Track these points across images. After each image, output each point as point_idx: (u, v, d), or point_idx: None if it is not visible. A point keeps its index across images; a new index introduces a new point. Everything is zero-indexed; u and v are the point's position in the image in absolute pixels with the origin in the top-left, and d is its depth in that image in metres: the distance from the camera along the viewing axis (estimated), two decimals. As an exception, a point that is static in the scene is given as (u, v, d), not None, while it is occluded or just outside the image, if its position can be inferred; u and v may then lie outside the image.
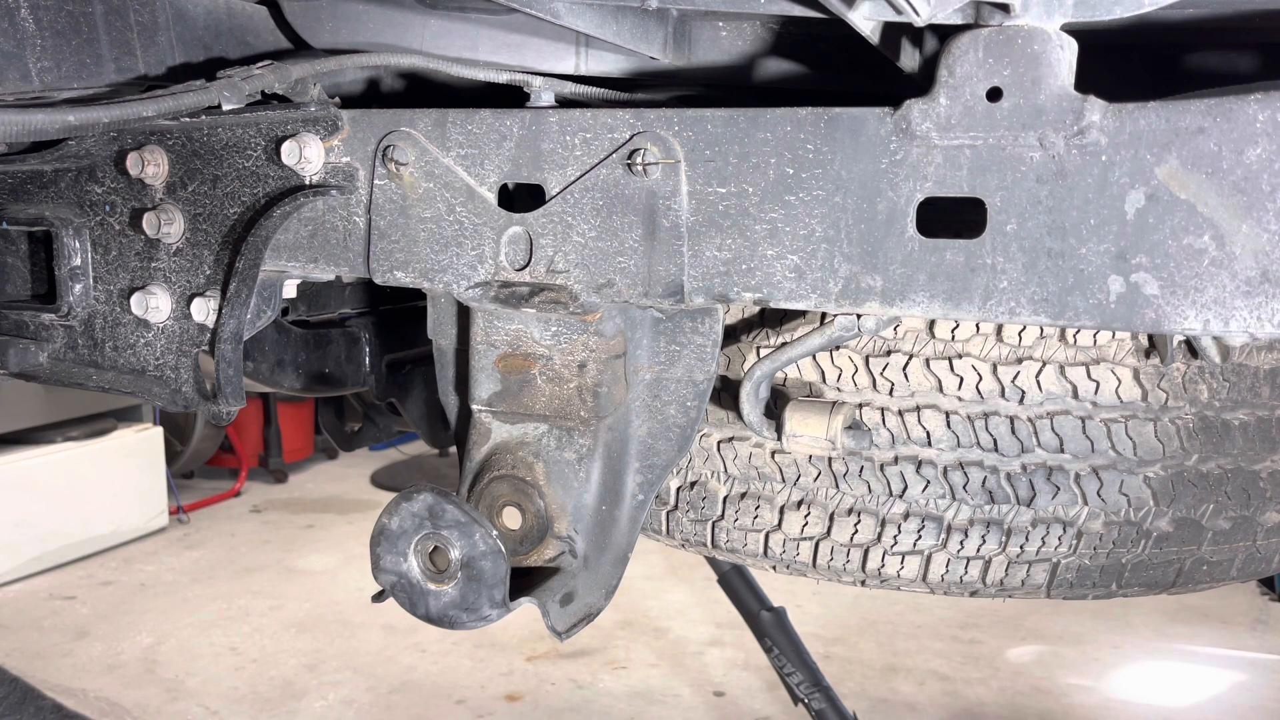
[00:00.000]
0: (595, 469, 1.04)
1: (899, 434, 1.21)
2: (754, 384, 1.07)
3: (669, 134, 0.93)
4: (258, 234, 1.07)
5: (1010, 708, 3.65)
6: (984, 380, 1.19)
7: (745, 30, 1.20)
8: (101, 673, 3.81)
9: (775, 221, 0.90)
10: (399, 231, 1.04)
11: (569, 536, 1.03)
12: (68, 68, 1.09)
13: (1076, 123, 0.80)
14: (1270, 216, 0.76)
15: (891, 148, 0.86)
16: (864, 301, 0.89)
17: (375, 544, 0.95)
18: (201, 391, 1.13)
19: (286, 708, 3.60)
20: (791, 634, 2.63)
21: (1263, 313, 0.77)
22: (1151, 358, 1.18)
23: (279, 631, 4.22)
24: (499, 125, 0.99)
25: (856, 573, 1.30)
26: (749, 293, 0.93)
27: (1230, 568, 1.28)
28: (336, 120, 1.05)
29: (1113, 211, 0.80)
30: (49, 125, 0.97)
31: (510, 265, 1.00)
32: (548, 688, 3.75)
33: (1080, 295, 0.82)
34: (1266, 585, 4.70)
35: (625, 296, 0.97)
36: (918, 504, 1.22)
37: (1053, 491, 1.18)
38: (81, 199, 1.20)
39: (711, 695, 3.72)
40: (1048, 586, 1.25)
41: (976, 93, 0.82)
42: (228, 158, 1.10)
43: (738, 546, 1.33)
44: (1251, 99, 0.76)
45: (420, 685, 3.77)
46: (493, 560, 0.91)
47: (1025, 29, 0.80)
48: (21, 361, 1.26)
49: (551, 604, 0.99)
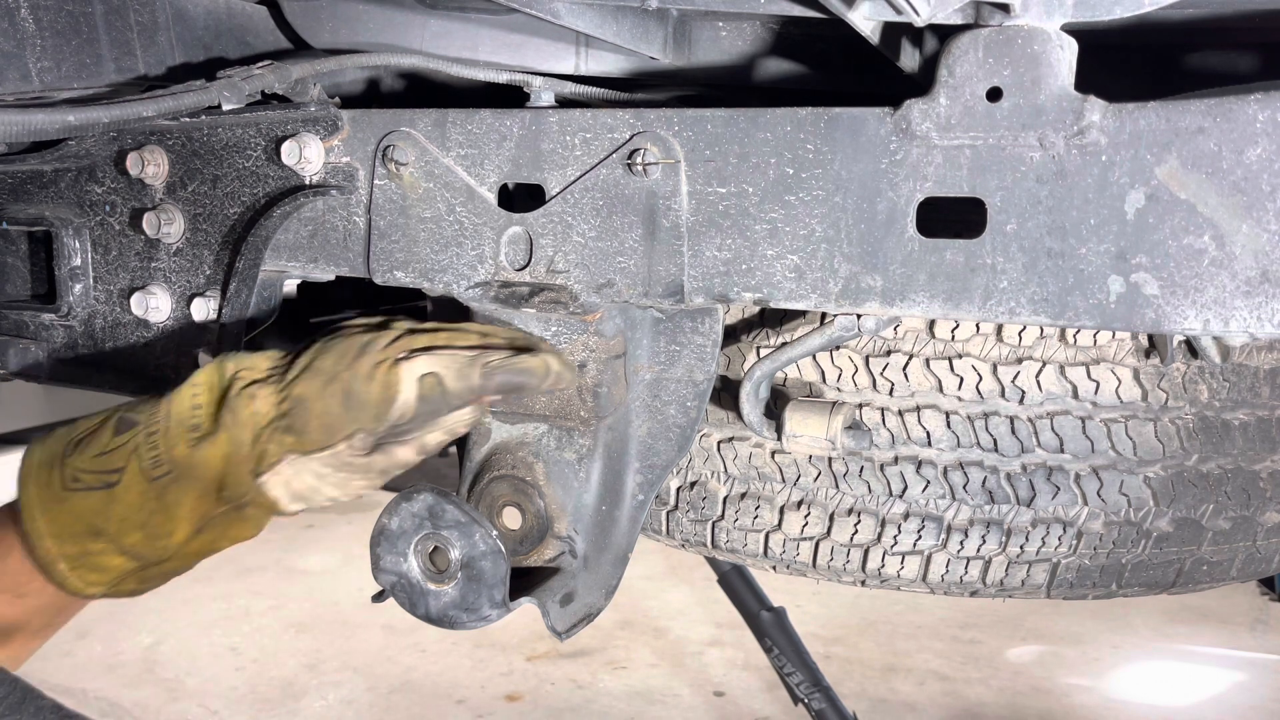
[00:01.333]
0: (595, 469, 1.04)
1: (899, 434, 1.21)
2: (754, 384, 1.07)
3: (669, 134, 0.93)
4: (258, 234, 1.07)
5: (1010, 708, 3.65)
6: (984, 380, 1.19)
7: (745, 30, 1.20)
8: (101, 673, 3.81)
9: (775, 221, 0.90)
10: (399, 231, 1.04)
11: (569, 536, 1.03)
12: (68, 68, 1.09)
13: (1076, 123, 0.80)
14: (1270, 216, 0.76)
15: (891, 148, 0.86)
16: (864, 301, 0.89)
17: (375, 544, 0.95)
18: (201, 391, 1.13)
19: (286, 708, 3.60)
20: (791, 634, 2.63)
21: (1263, 313, 0.77)
22: (1151, 358, 1.18)
23: (279, 631, 4.22)
24: (499, 125, 0.99)
25: (856, 573, 1.30)
26: (749, 293, 0.93)
27: (1230, 568, 1.28)
28: (336, 120, 1.05)
29: (1113, 211, 0.80)
30: (49, 125, 0.97)
31: (510, 265, 1.00)
32: (548, 688, 3.75)
33: (1080, 295, 0.81)
34: (1266, 585, 4.70)
35: (625, 296, 0.97)
36: (918, 504, 1.22)
37: (1053, 491, 1.18)
38: (81, 199, 1.20)
39: (711, 695, 3.72)
40: (1048, 587, 1.25)
41: (976, 93, 0.82)
42: (228, 158, 1.10)
43: (738, 546, 1.33)
44: (1251, 99, 0.76)
45: (420, 685, 3.77)
46: (493, 560, 0.91)
47: (1025, 29, 0.80)
48: (21, 361, 1.26)
49: (551, 604, 0.99)
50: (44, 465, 0.98)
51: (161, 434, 0.96)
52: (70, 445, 0.98)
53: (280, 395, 0.96)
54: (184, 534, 0.98)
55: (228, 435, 0.96)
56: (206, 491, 0.96)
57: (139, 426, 0.97)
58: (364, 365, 0.95)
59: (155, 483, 0.95)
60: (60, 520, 0.96)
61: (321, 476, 0.99)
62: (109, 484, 0.95)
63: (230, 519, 0.99)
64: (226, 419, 0.96)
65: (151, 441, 0.96)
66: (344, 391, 0.95)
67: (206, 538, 0.99)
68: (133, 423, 0.97)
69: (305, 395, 0.95)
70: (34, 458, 1.00)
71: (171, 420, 0.97)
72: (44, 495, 0.97)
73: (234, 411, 0.96)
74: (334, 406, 0.95)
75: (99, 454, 0.96)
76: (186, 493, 0.96)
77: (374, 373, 0.94)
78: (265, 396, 0.97)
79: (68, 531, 0.96)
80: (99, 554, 0.96)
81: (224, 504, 0.98)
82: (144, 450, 0.96)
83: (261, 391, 0.97)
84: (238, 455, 0.96)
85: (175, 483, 0.95)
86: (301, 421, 0.95)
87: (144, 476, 0.95)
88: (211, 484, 0.96)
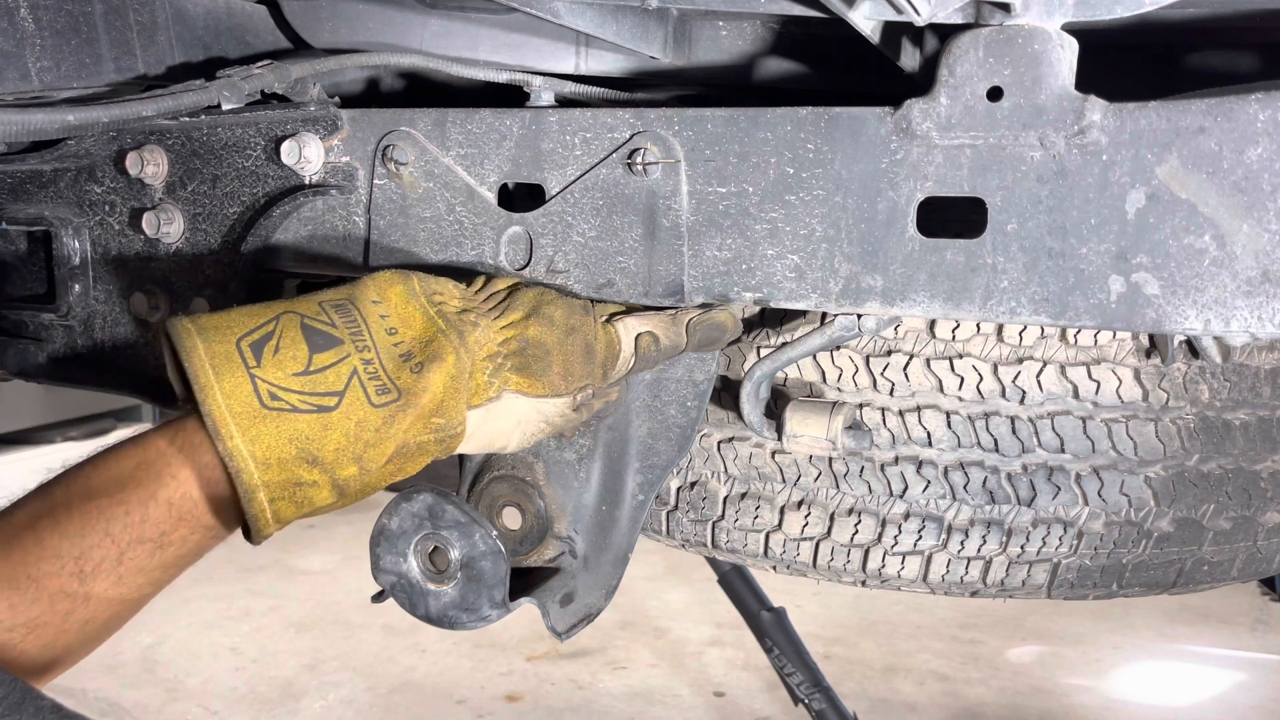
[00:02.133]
0: (595, 469, 1.04)
1: (899, 434, 1.21)
2: (754, 384, 1.07)
3: (669, 134, 0.93)
4: (257, 234, 1.07)
5: (1010, 708, 3.65)
6: (985, 380, 1.19)
7: (745, 30, 1.20)
8: (101, 673, 3.81)
9: (775, 221, 0.90)
10: (399, 231, 1.04)
11: (569, 537, 1.03)
12: (67, 67, 1.09)
13: (1077, 122, 0.79)
14: (1271, 216, 0.76)
15: (892, 147, 0.86)
16: (864, 301, 0.89)
17: (375, 544, 0.94)
18: (201, 391, 1.13)
19: (286, 708, 3.60)
20: (791, 634, 2.63)
21: (1263, 312, 0.77)
22: (1152, 358, 1.18)
23: (279, 631, 4.21)
24: (499, 125, 0.99)
25: (857, 573, 1.30)
26: (749, 293, 0.93)
27: (1231, 568, 1.28)
28: (336, 120, 1.05)
29: (1113, 211, 0.80)
30: (49, 125, 0.97)
31: (510, 265, 1.00)
32: (548, 688, 3.75)
33: (1081, 295, 0.81)
34: (1267, 585, 4.69)
35: (625, 296, 0.97)
36: (918, 504, 1.22)
37: (1053, 492, 1.18)
38: (81, 199, 1.20)
39: (711, 695, 3.72)
40: (1048, 587, 1.25)
41: (977, 92, 0.82)
42: (227, 157, 1.10)
43: (738, 547, 1.33)
44: (1252, 99, 0.76)
45: (420, 685, 3.77)
46: (493, 560, 0.91)
47: (1026, 28, 0.80)
48: (21, 361, 1.26)
49: (551, 604, 0.99)
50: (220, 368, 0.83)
51: (377, 360, 0.87)
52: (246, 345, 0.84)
53: (511, 332, 0.93)
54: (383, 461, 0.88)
55: (455, 359, 0.89)
56: (423, 417, 0.88)
57: (344, 346, 0.87)
58: (591, 322, 0.96)
59: (380, 409, 0.86)
60: (266, 442, 0.82)
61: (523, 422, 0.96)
62: (324, 408, 0.84)
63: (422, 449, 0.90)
64: (453, 341, 0.90)
65: (371, 370, 0.87)
66: (584, 344, 0.94)
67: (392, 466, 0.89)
68: (333, 340, 0.87)
69: (544, 340, 0.93)
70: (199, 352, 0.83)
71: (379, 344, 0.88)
72: (237, 408, 0.82)
73: (462, 336, 0.91)
74: (576, 357, 0.94)
75: (301, 371, 0.84)
76: (409, 420, 0.87)
77: (600, 332, 0.96)
78: (489, 327, 0.92)
79: (275, 456, 0.82)
80: (310, 486, 0.84)
81: (431, 432, 0.90)
82: (365, 377, 0.86)
83: (484, 321, 0.93)
84: (458, 383, 0.89)
85: (402, 410, 0.87)
86: (541, 365, 0.92)
87: (368, 403, 0.85)
88: (429, 410, 0.88)
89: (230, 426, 0.81)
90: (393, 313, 0.90)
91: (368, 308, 0.90)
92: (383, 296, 0.91)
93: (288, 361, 0.84)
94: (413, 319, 0.91)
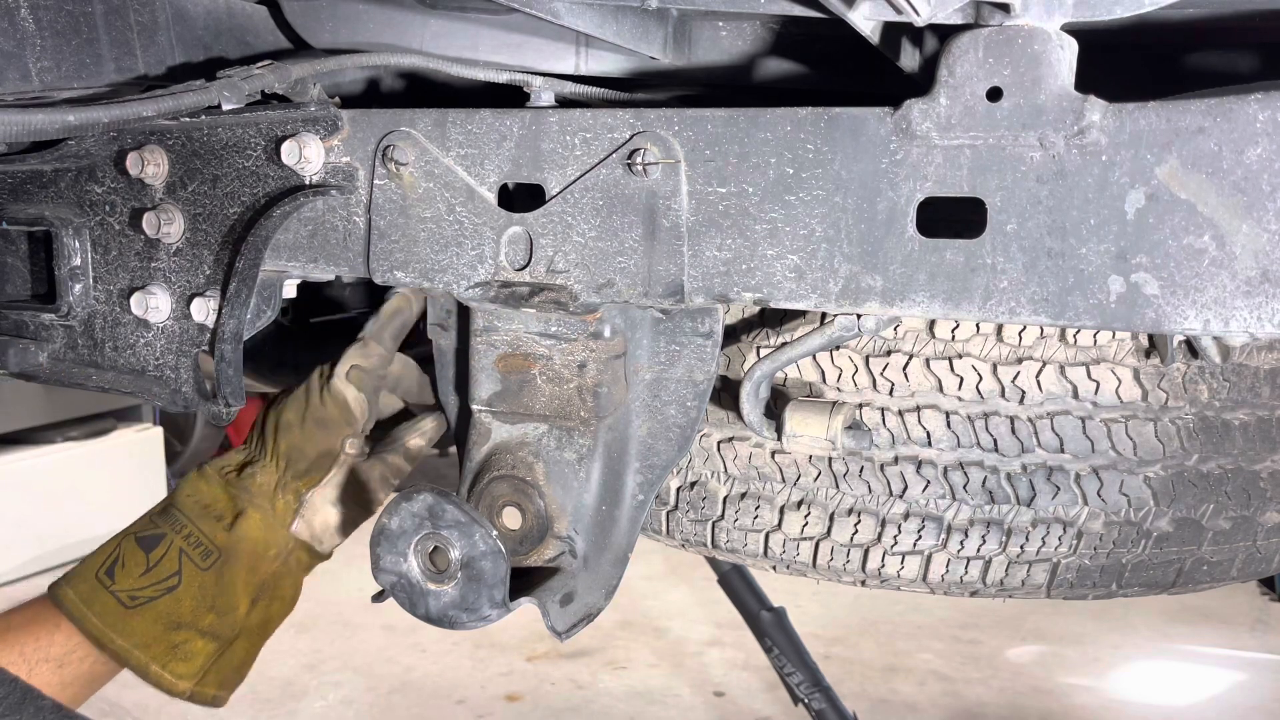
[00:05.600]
0: (595, 469, 1.03)
1: (899, 434, 1.21)
2: (754, 384, 1.07)
3: (669, 134, 0.93)
4: (258, 234, 1.07)
5: (1010, 708, 3.65)
6: (984, 380, 1.19)
7: (745, 30, 1.20)
8: (101, 673, 3.81)
9: (775, 221, 0.90)
10: (399, 231, 1.04)
11: (569, 536, 1.03)
12: (68, 68, 1.09)
13: (1077, 122, 0.79)
14: (1270, 216, 0.76)
15: (891, 147, 0.86)
16: (864, 301, 0.89)
17: (375, 544, 0.95)
18: (201, 391, 1.13)
19: (286, 708, 3.60)
20: (791, 634, 2.63)
21: (1263, 313, 0.77)
22: (1152, 358, 1.18)
23: (279, 631, 4.21)
24: (499, 125, 0.99)
25: (857, 573, 1.30)
26: (749, 293, 0.93)
27: (1230, 568, 1.28)
28: (336, 120, 1.05)
29: (1113, 211, 0.80)
30: (49, 125, 0.97)
31: (510, 265, 1.00)
32: (548, 688, 3.75)
33: (1080, 295, 0.81)
34: (1266, 585, 4.70)
35: (625, 296, 0.97)
36: (918, 504, 1.22)
37: (1053, 491, 1.18)
38: (81, 199, 1.20)
39: (711, 695, 3.73)
40: (1048, 587, 1.25)
41: (977, 92, 0.82)
42: (228, 157, 1.10)
43: (738, 546, 1.33)
44: (1252, 99, 0.76)
45: (420, 685, 3.77)
46: (493, 560, 0.91)
47: (1025, 29, 0.80)
48: (21, 361, 1.26)
49: (551, 604, 0.99)
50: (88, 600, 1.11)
51: (194, 531, 1.14)
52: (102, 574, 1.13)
53: (273, 460, 1.18)
54: (245, 606, 1.16)
55: (253, 507, 1.17)
56: (254, 560, 1.16)
57: (167, 536, 1.14)
58: (314, 398, 1.19)
59: (211, 570, 1.14)
60: (139, 632, 1.11)
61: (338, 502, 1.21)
62: (170, 588, 1.12)
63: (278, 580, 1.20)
64: (244, 498, 1.17)
65: (192, 540, 1.14)
66: (315, 421, 1.18)
67: (262, 605, 1.19)
68: (159, 537, 1.14)
69: (292, 443, 1.18)
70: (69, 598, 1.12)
71: (194, 519, 1.15)
72: (110, 620, 1.10)
73: (247, 490, 1.17)
74: (316, 434, 1.18)
75: (144, 571, 1.12)
76: (239, 567, 1.15)
77: (323, 398, 1.19)
78: (262, 468, 1.19)
79: (149, 637, 1.11)
80: (184, 643, 1.13)
81: (272, 564, 1.18)
82: (189, 550, 1.13)
83: (255, 468, 1.19)
84: (268, 520, 1.17)
85: (227, 563, 1.14)
86: (304, 462, 1.18)
87: (199, 569, 1.13)
88: (256, 553, 1.16)
89: (108, 634, 1.10)
90: (198, 492, 1.18)
91: (182, 500, 1.17)
92: (190, 488, 1.19)
93: (133, 568, 1.13)
94: (214, 492, 1.18)
